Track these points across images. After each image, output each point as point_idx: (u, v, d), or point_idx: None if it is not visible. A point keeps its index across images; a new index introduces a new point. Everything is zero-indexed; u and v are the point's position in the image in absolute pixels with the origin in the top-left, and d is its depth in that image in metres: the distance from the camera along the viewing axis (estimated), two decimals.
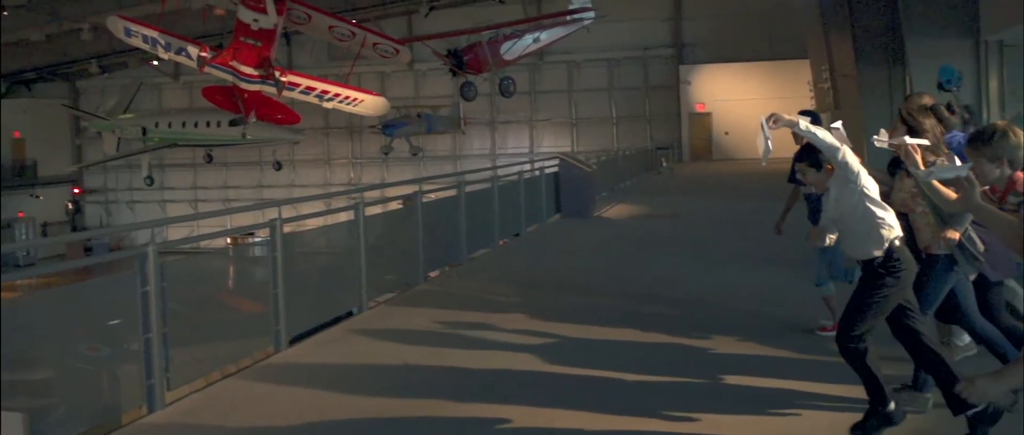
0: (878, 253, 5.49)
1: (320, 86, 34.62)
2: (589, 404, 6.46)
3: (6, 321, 5.85)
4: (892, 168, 6.71)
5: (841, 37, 28.32)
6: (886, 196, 6.63)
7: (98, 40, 47.38)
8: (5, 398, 5.99)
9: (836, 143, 5.47)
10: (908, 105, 6.45)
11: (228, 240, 33.20)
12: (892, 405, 5.59)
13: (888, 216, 5.54)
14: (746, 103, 42.86)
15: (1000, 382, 3.96)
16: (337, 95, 35.18)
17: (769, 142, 5.70)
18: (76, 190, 58.85)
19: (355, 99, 36.00)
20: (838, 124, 6.18)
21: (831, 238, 6.36)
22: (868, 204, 5.51)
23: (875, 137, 5.66)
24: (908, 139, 5.51)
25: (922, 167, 5.31)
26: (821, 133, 5.49)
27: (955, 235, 5.95)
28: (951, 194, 5.28)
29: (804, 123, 5.51)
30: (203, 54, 31.77)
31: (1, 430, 5.47)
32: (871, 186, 5.55)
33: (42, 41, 49.67)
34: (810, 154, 5.86)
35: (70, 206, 58.66)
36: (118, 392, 6.84)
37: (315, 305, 9.42)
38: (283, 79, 32.62)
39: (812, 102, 39.37)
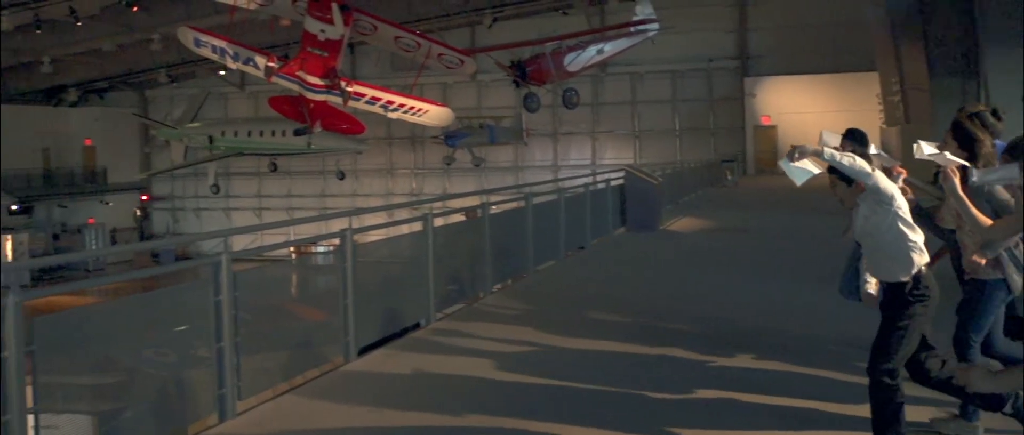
0: (905, 278, 5.38)
1: (385, 96, 34.80)
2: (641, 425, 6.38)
3: (85, 326, 5.92)
4: (937, 179, 6.56)
5: (913, 49, 27.82)
6: (935, 209, 6.46)
7: (167, 50, 48.23)
8: (80, 401, 6.04)
9: (866, 168, 5.35)
10: (960, 115, 6.31)
11: (292, 250, 33.59)
12: None
13: (919, 240, 5.43)
14: (812, 116, 42.17)
15: (993, 381, 4.16)
16: (402, 105, 35.35)
17: (794, 167, 5.58)
18: (144, 197, 59.95)
19: (420, 109, 36.14)
20: (873, 148, 6.01)
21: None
22: (900, 225, 5.40)
23: (918, 143, 5.56)
24: (949, 156, 5.41)
25: (960, 190, 5.30)
26: (846, 159, 5.36)
27: (982, 260, 5.80)
28: (986, 220, 5.21)
29: (828, 151, 5.40)
30: (271, 64, 32.10)
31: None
32: (905, 207, 5.45)
33: (114, 51, 50.68)
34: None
35: (138, 213, 59.77)
36: (190, 400, 6.85)
37: (383, 316, 9.38)
38: (349, 89, 32.85)
39: (880, 115, 38.76)
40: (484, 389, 7.51)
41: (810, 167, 5.62)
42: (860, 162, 5.37)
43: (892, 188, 5.42)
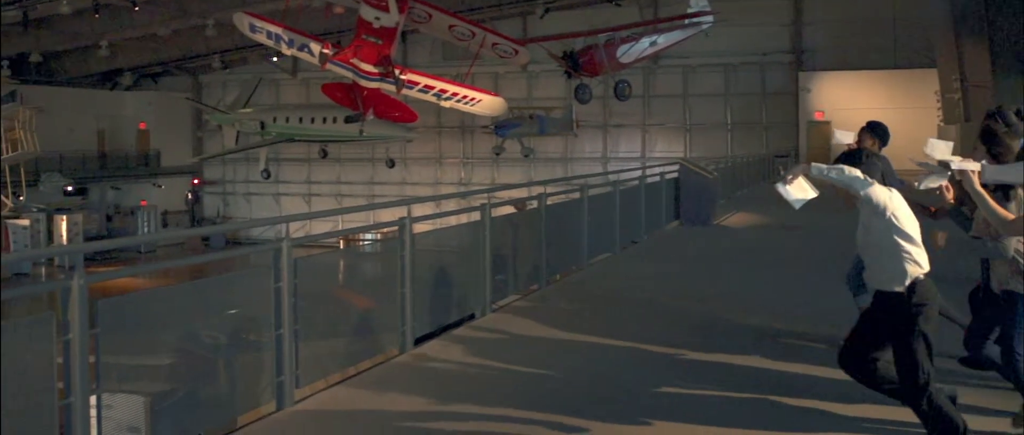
0: (899, 289, 5.28)
1: (439, 85, 34.86)
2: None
3: (148, 309, 5.92)
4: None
5: (975, 45, 27.23)
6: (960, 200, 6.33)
7: (221, 36, 48.63)
8: (137, 384, 6.02)
9: (858, 177, 5.24)
10: (987, 121, 6.17)
11: (341, 239, 33.71)
12: None
13: (916, 251, 5.30)
14: (868, 112, 40.87)
15: None
16: (455, 94, 35.38)
17: (790, 190, 5.41)
18: (196, 181, 60.63)
19: (473, 99, 36.16)
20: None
21: None
22: (895, 236, 5.28)
23: (929, 142, 5.44)
24: (960, 160, 5.28)
25: (979, 187, 5.28)
26: (834, 172, 5.28)
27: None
28: (1008, 214, 5.10)
29: (816, 166, 5.33)
30: (326, 51, 32.29)
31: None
32: (903, 218, 5.30)
33: (169, 36, 51.22)
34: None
35: (190, 196, 60.47)
36: (248, 387, 6.81)
37: (439, 307, 9.31)
38: (403, 77, 32.92)
39: (939, 113, 38.00)
40: (535, 383, 7.47)
41: (806, 188, 5.42)
42: (851, 172, 5.24)
43: (885, 198, 5.27)
